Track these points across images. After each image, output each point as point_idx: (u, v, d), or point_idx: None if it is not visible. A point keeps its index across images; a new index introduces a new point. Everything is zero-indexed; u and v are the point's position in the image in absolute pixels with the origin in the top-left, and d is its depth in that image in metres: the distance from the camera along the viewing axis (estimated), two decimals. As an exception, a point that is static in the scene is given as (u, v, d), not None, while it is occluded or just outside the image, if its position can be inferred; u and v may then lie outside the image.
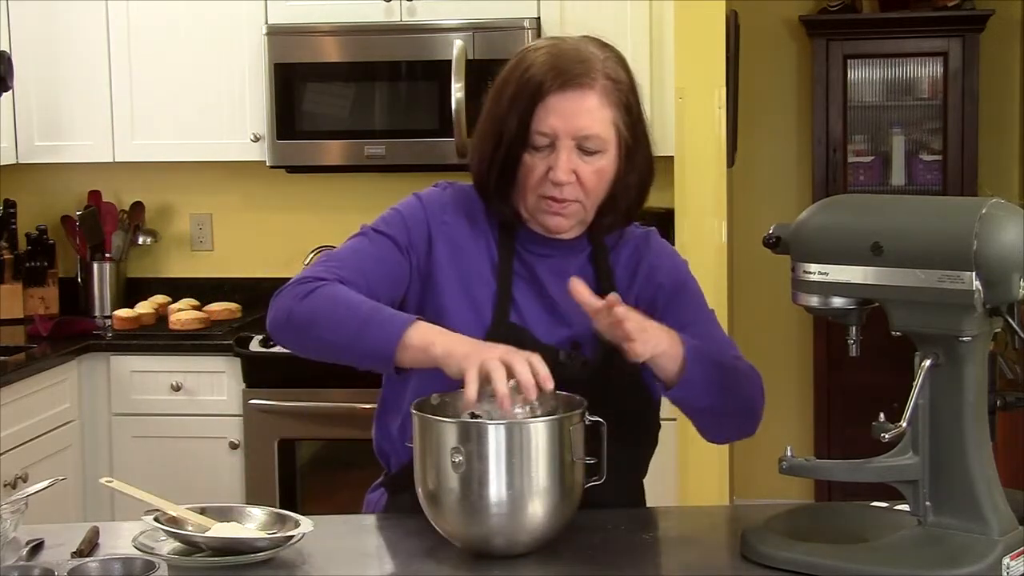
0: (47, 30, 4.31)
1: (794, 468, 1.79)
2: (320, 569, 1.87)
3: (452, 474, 1.81)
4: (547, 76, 1.99)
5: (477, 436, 1.81)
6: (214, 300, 4.44)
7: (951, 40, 5.09)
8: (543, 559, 1.88)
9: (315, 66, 4.19)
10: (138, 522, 1.93)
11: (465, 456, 1.80)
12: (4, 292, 4.39)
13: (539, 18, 4.10)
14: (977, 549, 1.73)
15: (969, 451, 1.76)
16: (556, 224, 2.05)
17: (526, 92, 1.99)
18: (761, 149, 5.32)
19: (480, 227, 2.10)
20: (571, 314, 2.06)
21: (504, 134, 2.01)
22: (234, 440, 4.03)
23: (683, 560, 1.90)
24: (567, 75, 1.98)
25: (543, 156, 2.00)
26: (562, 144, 1.99)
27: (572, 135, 1.99)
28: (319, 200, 4.57)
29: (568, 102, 1.98)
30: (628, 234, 2.17)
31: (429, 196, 2.14)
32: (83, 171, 4.54)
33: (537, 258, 2.09)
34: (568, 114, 1.98)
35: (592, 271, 2.11)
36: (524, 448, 1.82)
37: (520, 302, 2.07)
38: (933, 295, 1.73)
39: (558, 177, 1.99)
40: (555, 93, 1.98)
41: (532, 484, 1.81)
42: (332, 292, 1.97)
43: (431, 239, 2.09)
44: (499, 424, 1.83)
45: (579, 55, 2.01)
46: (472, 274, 2.07)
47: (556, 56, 2.01)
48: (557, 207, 2.03)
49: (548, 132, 1.99)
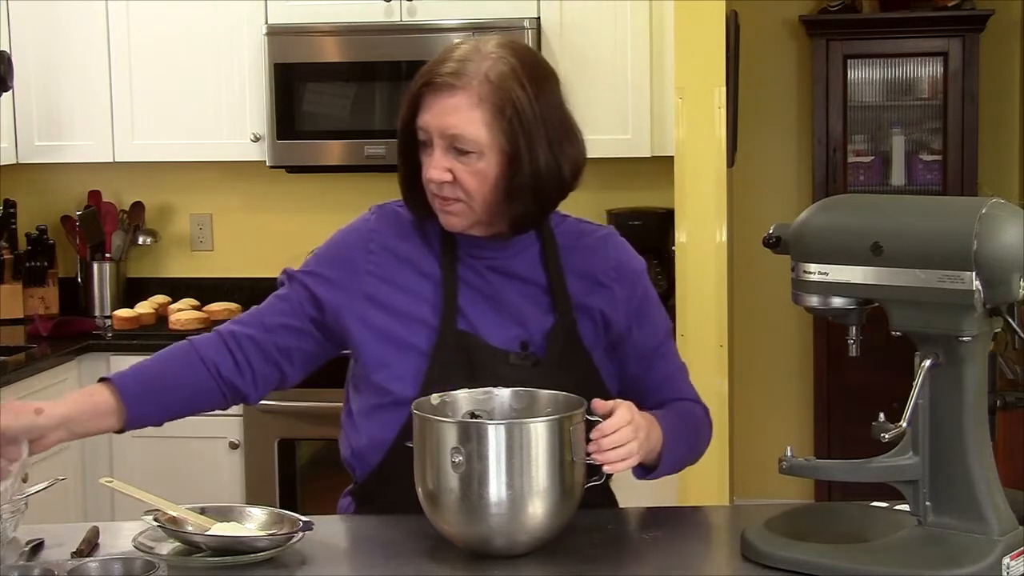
0: (47, 30, 4.31)
1: (794, 468, 1.79)
2: (320, 569, 1.87)
3: (452, 474, 1.81)
4: (425, 75, 2.04)
5: (477, 436, 1.81)
6: (214, 300, 4.44)
7: (951, 40, 5.09)
8: (543, 559, 1.88)
9: (315, 66, 4.19)
10: (138, 522, 1.93)
11: (465, 456, 1.80)
12: (4, 292, 4.39)
13: (539, 18, 4.10)
14: (977, 549, 1.73)
15: (969, 451, 1.76)
16: (447, 222, 2.06)
17: (412, 90, 2.05)
18: (761, 149, 5.32)
19: (415, 241, 2.11)
20: (520, 314, 2.08)
21: (400, 133, 2.07)
22: (234, 440, 4.03)
23: (683, 560, 1.90)
24: (442, 75, 2.01)
25: (427, 155, 2.03)
26: (435, 143, 2.02)
27: (441, 133, 2.01)
28: (319, 200, 4.57)
29: (438, 100, 2.01)
30: (587, 232, 2.16)
31: (355, 232, 2.17)
32: (83, 171, 4.54)
33: (481, 260, 2.09)
34: (437, 112, 2.01)
35: (542, 270, 2.11)
36: (524, 448, 1.81)
37: (467, 308, 2.06)
38: (933, 295, 1.73)
39: (429, 175, 2.02)
40: (430, 91, 2.02)
41: (532, 484, 1.81)
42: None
43: (356, 274, 2.11)
44: (499, 424, 1.83)
45: (465, 55, 2.03)
46: (412, 291, 2.08)
47: (440, 57, 2.06)
48: (442, 204, 2.04)
49: (424, 128, 2.02)
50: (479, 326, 2.06)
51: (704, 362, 3.63)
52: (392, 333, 2.06)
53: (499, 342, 2.06)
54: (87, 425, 1.99)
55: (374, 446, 2.07)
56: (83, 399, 2.01)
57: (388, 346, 2.06)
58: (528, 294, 2.10)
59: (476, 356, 2.03)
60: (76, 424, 1.97)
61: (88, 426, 2.00)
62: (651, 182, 4.31)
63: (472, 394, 1.96)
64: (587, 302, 2.11)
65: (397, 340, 2.06)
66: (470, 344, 2.04)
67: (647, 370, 2.14)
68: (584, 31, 4.08)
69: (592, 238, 2.16)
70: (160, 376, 2.08)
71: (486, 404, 1.96)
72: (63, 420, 1.95)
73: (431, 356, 2.03)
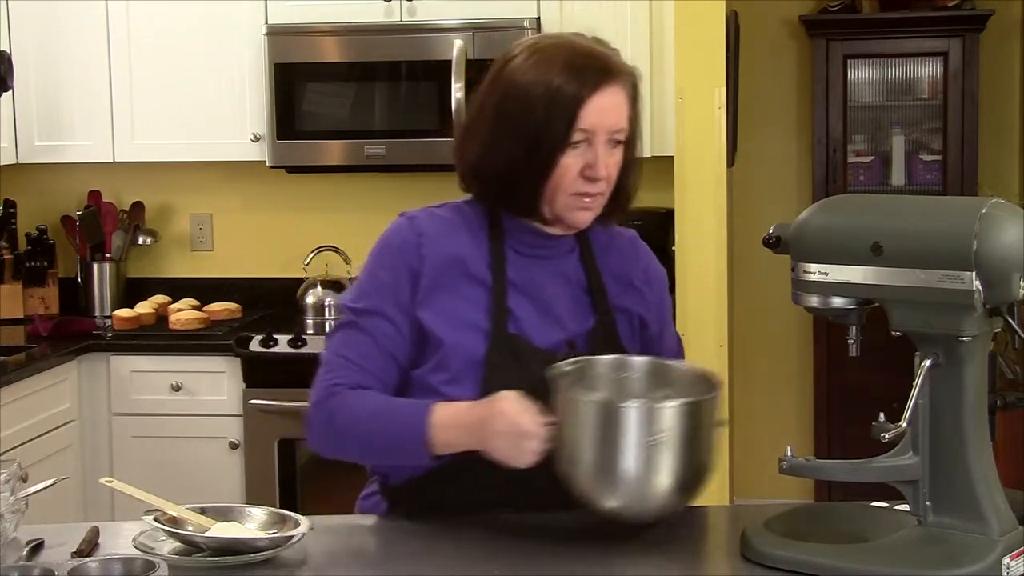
0: (47, 30, 4.31)
1: (794, 468, 1.79)
2: (320, 569, 1.87)
3: (642, 454, 1.81)
4: (589, 73, 1.99)
5: (663, 418, 1.82)
6: (214, 300, 4.44)
7: (951, 40, 5.08)
8: (543, 559, 1.88)
9: (315, 66, 4.19)
10: (138, 522, 1.93)
11: (656, 436, 1.81)
12: (4, 292, 4.39)
13: (539, 18, 4.10)
14: (977, 549, 1.73)
15: (969, 451, 1.76)
16: (584, 219, 2.05)
17: (566, 93, 1.97)
18: (761, 149, 5.32)
19: (461, 242, 2.08)
20: (562, 314, 2.08)
21: (543, 136, 1.98)
22: (234, 440, 4.03)
23: (683, 560, 1.90)
24: (603, 74, 1.99)
25: (579, 153, 1.99)
26: (598, 140, 1.99)
27: (607, 131, 2.00)
28: (319, 200, 4.57)
29: (605, 99, 1.99)
30: (616, 235, 2.18)
31: (401, 238, 2.10)
32: (83, 171, 4.54)
33: (529, 261, 2.09)
34: (605, 111, 1.99)
35: (583, 272, 2.12)
36: (702, 425, 1.85)
37: (516, 311, 2.05)
38: (933, 295, 1.73)
39: (600, 173, 2.00)
40: (596, 92, 1.98)
41: (709, 458, 1.88)
42: (347, 420, 2.03)
43: (418, 278, 2.06)
44: (680, 404, 1.86)
45: (598, 51, 2.03)
46: (462, 294, 2.05)
47: (584, 55, 2.01)
48: (589, 202, 2.03)
49: (588, 129, 1.98)
50: (527, 328, 2.05)
51: (704, 362, 3.58)
52: (447, 337, 2.03)
53: (545, 343, 2.05)
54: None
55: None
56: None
57: (443, 350, 2.03)
58: (570, 294, 2.10)
59: (527, 359, 2.02)
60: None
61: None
62: (651, 182, 4.26)
63: (607, 362, 2.01)
64: (623, 303, 2.13)
65: (452, 344, 2.03)
66: (521, 347, 2.03)
67: None
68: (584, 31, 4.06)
69: (622, 240, 2.19)
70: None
71: (621, 372, 2.00)
72: None
73: (486, 362, 2.01)
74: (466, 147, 2.09)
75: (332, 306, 4.37)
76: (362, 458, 2.11)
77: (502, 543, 1.94)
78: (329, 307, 4.37)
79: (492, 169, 2.04)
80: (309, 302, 4.39)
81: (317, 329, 4.25)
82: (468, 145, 2.09)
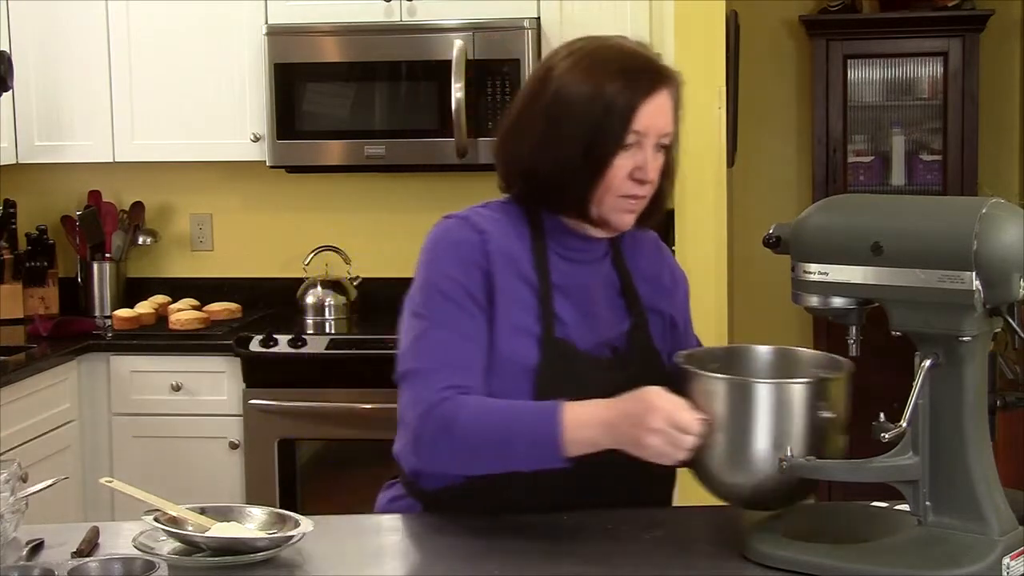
0: (47, 30, 4.31)
1: (794, 468, 1.79)
2: (320, 569, 1.87)
3: (814, 428, 1.82)
4: (645, 76, 2.00)
5: (829, 391, 1.85)
6: (214, 300, 4.44)
7: (951, 40, 5.09)
8: (543, 559, 1.88)
9: (315, 66, 4.19)
10: (138, 522, 1.93)
11: (822, 409, 1.83)
12: (4, 292, 4.39)
13: (539, 18, 4.10)
14: (977, 549, 1.73)
15: (969, 451, 1.76)
16: (628, 221, 2.06)
17: (622, 97, 1.98)
18: (761, 149, 5.32)
19: (513, 242, 2.06)
20: (603, 318, 2.09)
21: (599, 139, 1.98)
22: (234, 440, 4.03)
23: (683, 560, 1.90)
24: (656, 79, 2.01)
25: (629, 155, 2.00)
26: (648, 143, 2.01)
27: (658, 134, 2.01)
28: (319, 200, 4.57)
29: (658, 102, 2.00)
30: (640, 238, 2.19)
31: (463, 236, 2.05)
32: (83, 171, 4.54)
33: (570, 264, 2.08)
34: (656, 115, 2.00)
35: (616, 274, 2.13)
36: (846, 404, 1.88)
37: (561, 315, 2.05)
38: (933, 295, 1.73)
39: (649, 176, 2.01)
40: (649, 96, 1.99)
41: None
42: (468, 427, 1.92)
43: (488, 276, 2.03)
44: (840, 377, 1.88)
45: (649, 56, 2.05)
46: (513, 295, 2.03)
47: (637, 60, 2.03)
48: (634, 204, 2.04)
49: (640, 131, 1.99)
50: (572, 332, 2.05)
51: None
52: (503, 344, 2.01)
53: (588, 347, 2.05)
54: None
55: None
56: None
57: (498, 356, 2.01)
58: (607, 296, 2.11)
59: (573, 364, 2.02)
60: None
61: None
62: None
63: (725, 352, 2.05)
64: (655, 304, 2.15)
65: (507, 352, 2.01)
66: (568, 352, 2.03)
67: None
68: (584, 31, 3.99)
69: (648, 241, 2.20)
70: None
71: (747, 360, 2.02)
72: None
73: (539, 370, 2.00)
74: (513, 148, 2.08)
75: (332, 306, 4.37)
76: (487, 467, 1.96)
77: (502, 543, 1.94)
78: (329, 307, 4.37)
79: (545, 170, 2.03)
80: (309, 302, 4.39)
81: (317, 329, 4.25)
82: (515, 146, 2.07)
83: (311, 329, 4.25)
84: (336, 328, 4.29)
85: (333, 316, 4.36)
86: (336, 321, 4.36)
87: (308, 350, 3.96)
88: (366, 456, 4.06)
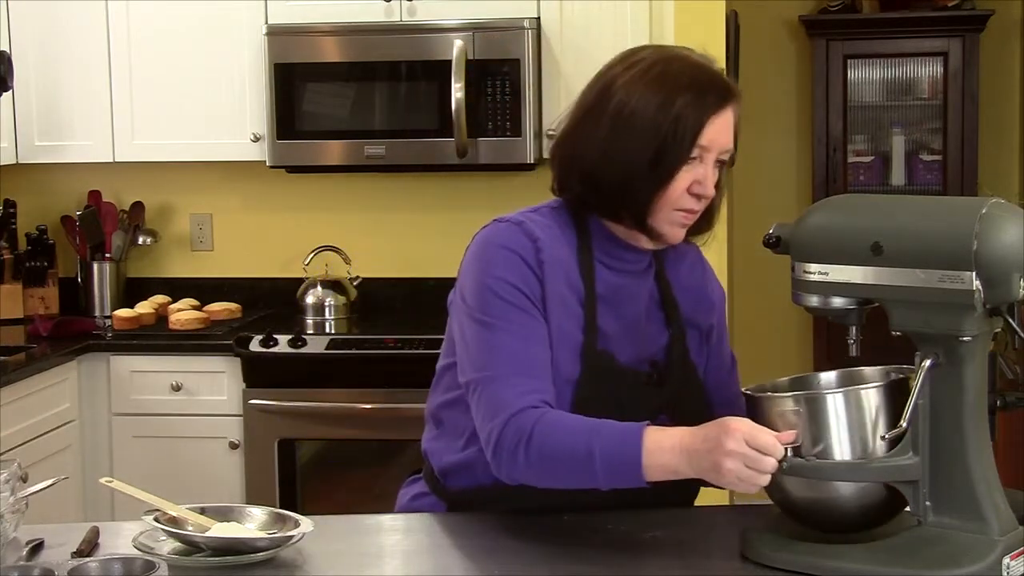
0: (47, 30, 4.30)
1: (794, 468, 1.79)
2: (320, 569, 1.87)
3: (880, 444, 1.79)
4: (714, 92, 1.98)
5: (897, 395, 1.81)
6: (214, 300, 4.44)
7: (951, 40, 5.09)
8: (543, 559, 1.88)
9: (315, 66, 4.19)
10: (138, 522, 1.93)
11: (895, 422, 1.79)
12: (4, 292, 4.39)
13: (539, 18, 4.10)
14: (977, 549, 1.73)
15: (969, 451, 1.76)
16: (680, 235, 2.04)
17: (692, 111, 1.96)
18: (761, 149, 5.32)
19: (563, 251, 2.04)
20: (642, 331, 2.08)
21: (666, 150, 1.96)
22: (234, 440, 4.03)
23: (683, 560, 1.90)
24: (724, 95, 1.99)
25: (691, 169, 1.99)
26: (710, 158, 1.99)
27: (720, 150, 2.00)
28: (319, 200, 4.57)
29: (724, 118, 1.99)
30: (682, 251, 2.17)
31: (517, 243, 2.02)
32: (83, 171, 4.54)
33: (614, 274, 2.07)
34: (723, 130, 1.99)
35: (656, 286, 2.12)
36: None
37: (604, 328, 2.04)
38: (933, 295, 1.73)
39: (708, 191, 2.00)
40: (720, 110, 1.98)
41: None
42: (548, 442, 1.89)
43: (541, 284, 2.01)
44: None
45: (717, 71, 2.03)
46: (561, 303, 2.02)
47: (706, 74, 2.00)
48: (688, 218, 2.03)
49: (706, 145, 1.98)
50: (612, 345, 2.04)
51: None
52: (552, 334, 2.00)
53: (628, 359, 2.04)
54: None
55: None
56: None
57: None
58: (648, 308, 2.10)
59: (614, 378, 2.02)
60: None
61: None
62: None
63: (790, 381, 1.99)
64: (695, 318, 2.13)
65: (552, 357, 1.99)
66: (609, 366, 2.02)
67: (728, 383, 2.19)
68: (584, 31, 4.08)
69: (689, 254, 2.18)
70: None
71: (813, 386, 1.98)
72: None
73: (579, 383, 2.00)
74: (575, 152, 2.05)
75: (332, 306, 4.37)
76: (564, 481, 1.92)
77: (502, 543, 1.94)
78: (329, 307, 4.37)
79: (608, 177, 2.00)
80: (309, 302, 4.39)
81: (317, 329, 4.25)
82: (576, 150, 2.05)
83: (311, 329, 4.25)
84: (336, 328, 4.29)
85: (333, 316, 4.36)
86: (336, 321, 4.36)
87: (308, 350, 3.96)
88: (366, 456, 4.07)
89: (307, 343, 3.98)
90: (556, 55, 4.07)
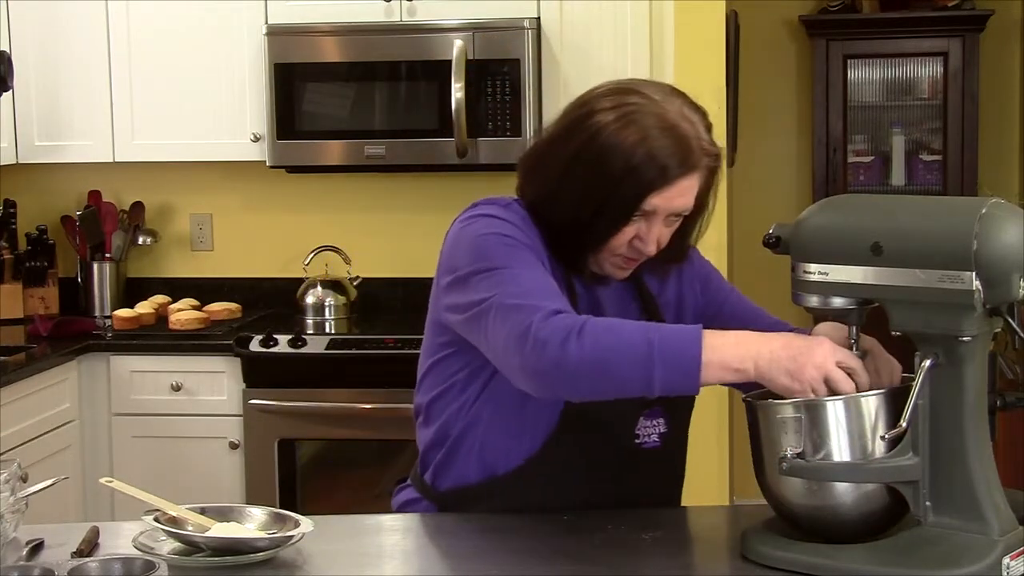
0: (47, 30, 4.31)
1: (794, 468, 1.79)
2: (320, 569, 1.87)
3: (879, 444, 1.77)
4: (672, 163, 1.93)
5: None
6: (214, 300, 4.44)
7: (951, 40, 5.09)
8: (543, 559, 1.88)
9: (315, 66, 4.19)
10: (138, 522, 1.93)
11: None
12: (4, 292, 4.39)
13: (539, 18, 4.10)
14: (977, 549, 1.73)
15: (969, 451, 1.76)
16: (624, 275, 2.05)
17: (648, 174, 1.92)
18: (761, 149, 5.32)
19: (537, 247, 2.01)
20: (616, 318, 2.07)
21: (610, 202, 1.94)
22: (234, 440, 4.03)
23: (683, 560, 1.90)
24: (683, 166, 1.94)
25: (635, 225, 1.97)
26: (657, 219, 1.97)
27: (669, 212, 1.98)
28: (319, 200, 4.57)
29: (683, 185, 1.95)
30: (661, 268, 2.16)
31: (508, 215, 2.00)
32: (83, 171, 4.54)
33: (590, 288, 2.08)
34: (676, 196, 1.96)
35: (638, 300, 2.12)
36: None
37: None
38: (933, 295, 1.73)
39: (649, 250, 1.99)
40: (679, 178, 1.94)
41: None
42: (600, 327, 1.81)
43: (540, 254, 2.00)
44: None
45: (687, 134, 1.94)
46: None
47: (672, 138, 1.93)
48: (631, 264, 2.03)
49: (650, 211, 1.96)
50: None
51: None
52: None
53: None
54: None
55: (511, 451, 2.02)
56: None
57: None
58: (620, 297, 2.10)
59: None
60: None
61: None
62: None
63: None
64: (665, 295, 2.14)
65: None
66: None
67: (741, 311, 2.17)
68: (584, 31, 4.08)
69: (668, 270, 2.17)
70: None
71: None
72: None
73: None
74: (536, 172, 2.04)
75: (332, 306, 4.37)
76: (616, 377, 1.80)
77: (501, 543, 1.94)
78: (329, 307, 4.37)
79: (555, 216, 1.99)
80: (309, 302, 4.39)
81: (317, 329, 4.25)
82: (538, 172, 2.03)
83: (311, 329, 4.25)
84: (336, 328, 4.29)
85: (333, 316, 4.37)
86: (336, 321, 4.36)
87: (308, 350, 3.96)
88: (366, 456, 4.07)
89: (307, 343, 3.98)
90: (556, 55, 4.07)
